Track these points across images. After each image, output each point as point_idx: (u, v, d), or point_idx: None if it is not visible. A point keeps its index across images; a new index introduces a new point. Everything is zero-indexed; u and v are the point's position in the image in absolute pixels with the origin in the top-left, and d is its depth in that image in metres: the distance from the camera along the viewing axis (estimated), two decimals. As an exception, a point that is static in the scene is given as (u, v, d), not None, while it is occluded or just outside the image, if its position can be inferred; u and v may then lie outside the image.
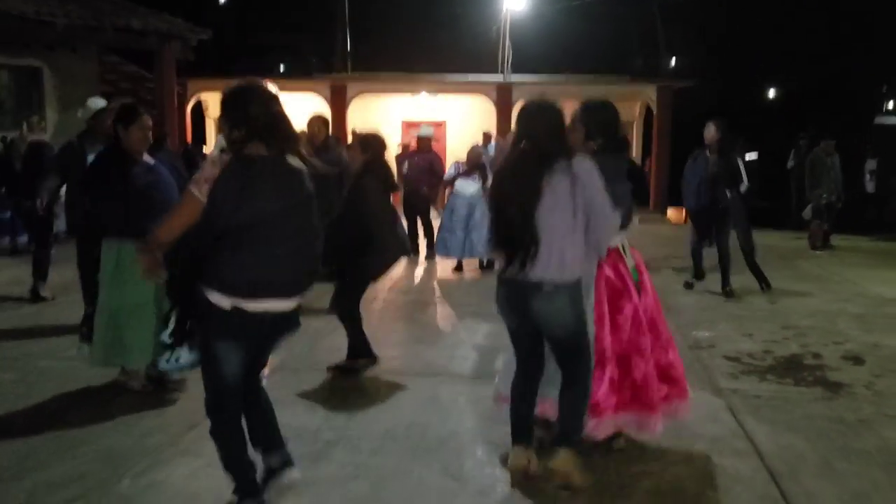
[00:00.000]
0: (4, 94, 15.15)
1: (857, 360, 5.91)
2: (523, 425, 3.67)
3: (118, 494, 3.51)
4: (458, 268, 9.94)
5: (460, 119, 20.41)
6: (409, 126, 21.28)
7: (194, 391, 4.76)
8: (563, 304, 3.42)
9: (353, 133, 13.48)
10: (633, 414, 3.87)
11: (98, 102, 6.53)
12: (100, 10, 13.74)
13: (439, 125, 21.30)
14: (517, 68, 20.33)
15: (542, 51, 22.86)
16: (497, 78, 19.67)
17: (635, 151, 21.86)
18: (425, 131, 10.68)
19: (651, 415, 3.86)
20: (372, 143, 5.48)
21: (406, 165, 10.54)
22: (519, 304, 3.49)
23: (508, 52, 19.57)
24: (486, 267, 9.77)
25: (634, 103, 21.38)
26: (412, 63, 21.03)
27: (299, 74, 19.11)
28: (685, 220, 16.44)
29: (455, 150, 18.00)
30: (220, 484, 3.47)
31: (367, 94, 19.62)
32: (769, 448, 4.14)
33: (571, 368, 3.55)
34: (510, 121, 18.59)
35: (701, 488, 3.64)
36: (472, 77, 19.54)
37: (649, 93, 19.80)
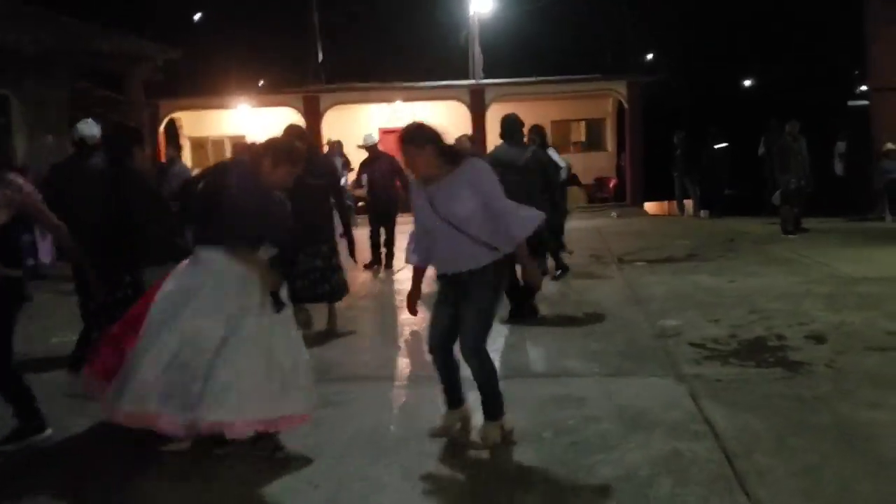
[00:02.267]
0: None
1: (820, 339, 5.99)
2: (449, 391, 4.22)
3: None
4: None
5: (439, 122, 20.44)
6: (385, 134, 21.39)
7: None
8: None
9: (329, 143, 13.48)
10: None
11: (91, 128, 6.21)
12: (73, 34, 13.68)
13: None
14: (490, 72, 20.45)
15: (513, 53, 23.00)
16: (469, 82, 19.77)
17: (609, 147, 22.04)
18: (368, 139, 10.71)
19: None
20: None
21: (365, 177, 10.49)
22: None
23: (479, 56, 19.68)
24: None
25: (606, 100, 21.53)
26: (385, 72, 21.11)
27: (271, 89, 19.18)
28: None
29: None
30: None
31: (341, 106, 19.69)
32: (726, 429, 4.19)
33: None
34: (484, 123, 18.71)
35: (656, 472, 3.68)
36: (444, 83, 19.62)
37: (620, 89, 19.95)
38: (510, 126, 7.20)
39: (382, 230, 10.50)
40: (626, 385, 5.08)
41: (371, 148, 10.57)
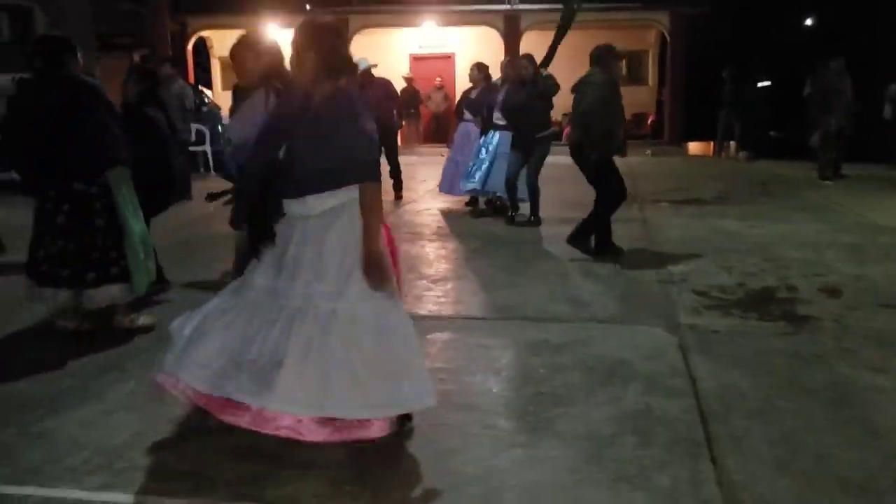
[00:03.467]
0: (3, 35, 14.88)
1: (834, 292, 5.56)
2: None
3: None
4: (472, 203, 9.45)
5: (468, 51, 19.78)
6: (416, 60, 20.74)
7: (122, 334, 4.63)
8: None
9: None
10: None
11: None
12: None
13: (448, 57, 20.73)
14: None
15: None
16: (504, 7, 18.97)
17: (650, 81, 21.15)
18: (363, 63, 10.20)
19: None
20: None
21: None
22: None
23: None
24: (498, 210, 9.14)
25: (648, 31, 20.58)
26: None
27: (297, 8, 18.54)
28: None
29: (465, 83, 17.59)
30: (111, 434, 3.33)
31: (370, 29, 19.07)
32: (709, 387, 3.85)
33: None
34: (518, 52, 17.98)
35: (619, 431, 3.37)
36: (477, 7, 18.85)
37: (663, 19, 18.99)
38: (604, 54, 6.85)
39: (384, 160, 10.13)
40: (611, 333, 4.73)
41: (364, 73, 10.07)
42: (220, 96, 18.86)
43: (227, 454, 3.12)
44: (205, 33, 20.49)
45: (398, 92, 10.73)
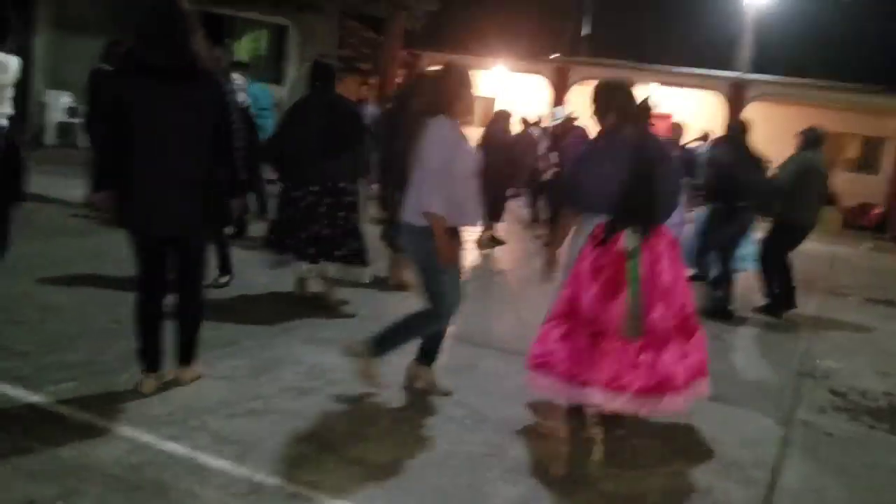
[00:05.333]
0: (262, 48, 16.70)
1: None
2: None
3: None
4: None
5: (689, 114, 19.43)
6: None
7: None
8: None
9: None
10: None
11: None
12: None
13: (666, 118, 20.39)
14: (757, 68, 18.90)
15: (789, 50, 20.96)
16: (732, 75, 18.44)
17: (884, 171, 19.54)
18: (558, 113, 10.32)
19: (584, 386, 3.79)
20: None
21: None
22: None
23: (748, 49, 18.23)
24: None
25: (890, 118, 19.07)
26: (643, 52, 20.27)
27: (524, 55, 19.19)
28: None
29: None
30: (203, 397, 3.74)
31: (589, 81, 19.28)
32: (790, 486, 3.60)
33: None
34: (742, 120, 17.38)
35: (660, 501, 3.27)
36: (703, 71, 18.48)
37: (911, 107, 17.57)
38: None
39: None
40: (715, 410, 4.51)
41: (564, 123, 10.26)
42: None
43: (282, 435, 3.41)
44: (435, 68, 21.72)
45: None
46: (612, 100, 3.97)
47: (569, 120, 10.21)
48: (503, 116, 9.85)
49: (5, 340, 4.11)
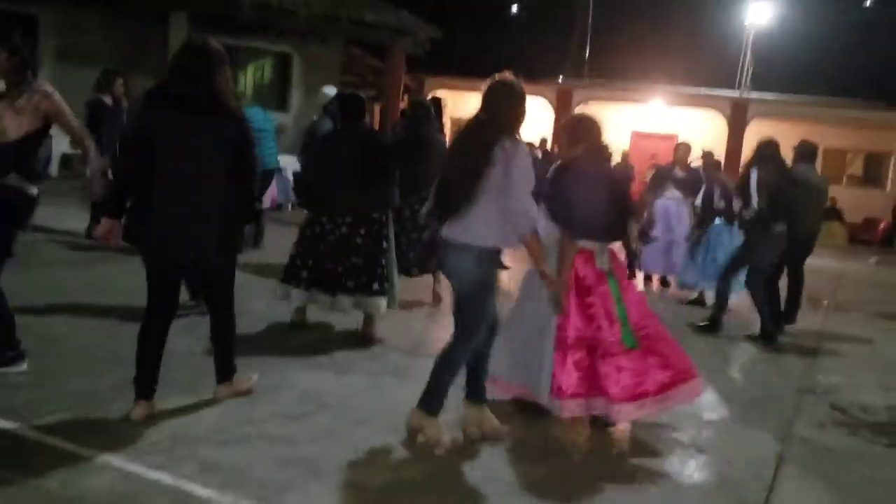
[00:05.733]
0: (267, 76, 16.86)
1: None
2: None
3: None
4: (664, 283, 9.21)
5: (690, 133, 19.48)
6: (638, 137, 20.64)
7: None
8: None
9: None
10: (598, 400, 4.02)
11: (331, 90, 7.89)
12: (340, 3, 14.84)
13: (669, 138, 20.44)
14: (757, 85, 18.95)
15: (788, 68, 20.98)
16: (733, 93, 18.48)
17: (888, 185, 19.48)
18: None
19: (611, 404, 3.97)
20: None
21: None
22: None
23: (749, 68, 18.29)
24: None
25: (893, 132, 19.03)
26: (643, 72, 20.35)
27: (526, 77, 19.29)
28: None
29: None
30: (195, 424, 3.74)
31: (594, 102, 19.36)
32: (787, 502, 3.58)
33: (455, 331, 3.75)
34: (741, 140, 17.40)
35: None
36: (705, 90, 18.53)
37: (912, 121, 17.55)
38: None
39: None
40: (718, 427, 4.52)
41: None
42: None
43: (270, 461, 3.41)
44: (439, 93, 21.84)
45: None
46: (584, 132, 4.25)
47: None
48: None
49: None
